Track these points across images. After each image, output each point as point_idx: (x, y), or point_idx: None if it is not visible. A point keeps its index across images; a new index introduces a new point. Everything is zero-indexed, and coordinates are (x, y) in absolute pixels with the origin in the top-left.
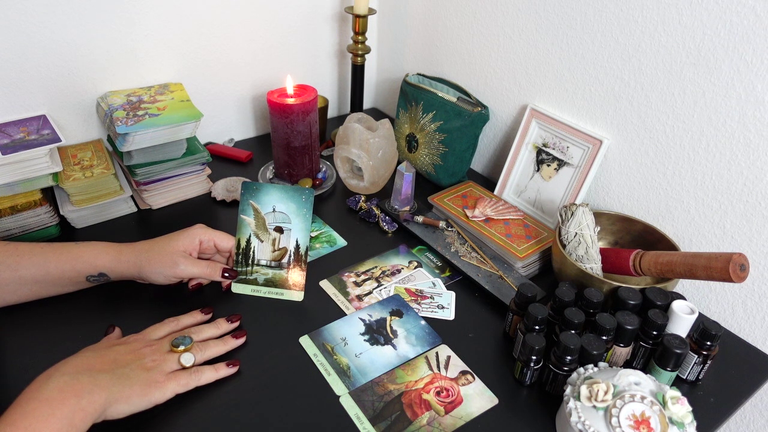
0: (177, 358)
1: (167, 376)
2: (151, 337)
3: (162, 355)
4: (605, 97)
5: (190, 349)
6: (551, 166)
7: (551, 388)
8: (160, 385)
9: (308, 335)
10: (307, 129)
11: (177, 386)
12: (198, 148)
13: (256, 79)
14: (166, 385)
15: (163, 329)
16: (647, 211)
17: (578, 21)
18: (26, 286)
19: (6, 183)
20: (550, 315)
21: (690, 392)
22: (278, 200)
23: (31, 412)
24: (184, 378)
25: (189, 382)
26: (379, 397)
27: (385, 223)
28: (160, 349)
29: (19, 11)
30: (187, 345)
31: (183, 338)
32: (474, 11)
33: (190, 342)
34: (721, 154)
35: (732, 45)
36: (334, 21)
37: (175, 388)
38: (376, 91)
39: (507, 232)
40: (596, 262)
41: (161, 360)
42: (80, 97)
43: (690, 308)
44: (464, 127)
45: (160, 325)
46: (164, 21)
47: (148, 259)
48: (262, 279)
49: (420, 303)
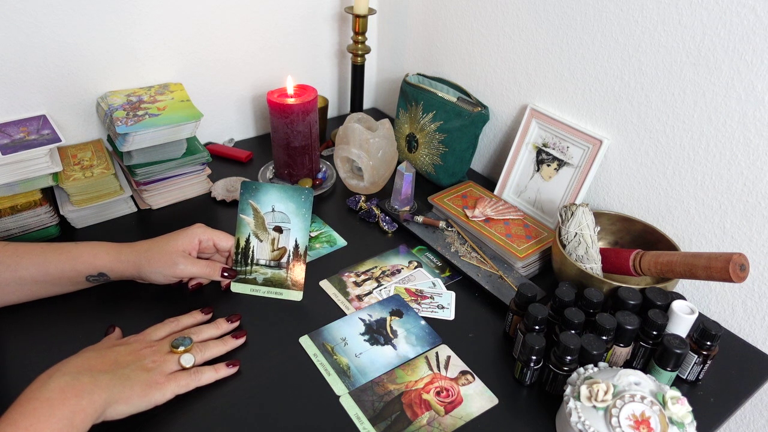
0: (177, 359)
1: (167, 377)
2: (151, 338)
3: (162, 356)
4: (605, 97)
5: (190, 349)
6: (551, 166)
7: (551, 388)
8: (160, 386)
9: (308, 335)
10: (307, 129)
11: (177, 387)
12: (198, 148)
13: (256, 79)
14: (166, 386)
15: (163, 330)
16: (647, 211)
17: (578, 21)
18: (26, 286)
19: (6, 183)
20: (550, 315)
21: (690, 392)
22: (277, 200)
23: (32, 411)
24: (184, 379)
25: (189, 382)
26: (379, 397)
27: (385, 223)
28: (160, 350)
29: (19, 11)
30: (187, 346)
31: (183, 339)
32: (474, 11)
33: (189, 343)
34: (721, 154)
35: (732, 45)
36: (334, 21)
37: (174, 389)
38: (376, 91)
39: (507, 232)
40: (596, 262)
41: (161, 361)
42: (80, 97)
43: (690, 308)
44: (464, 127)
45: (160, 325)
46: (164, 21)
47: (147, 259)
48: (261, 278)
49: (420, 303)
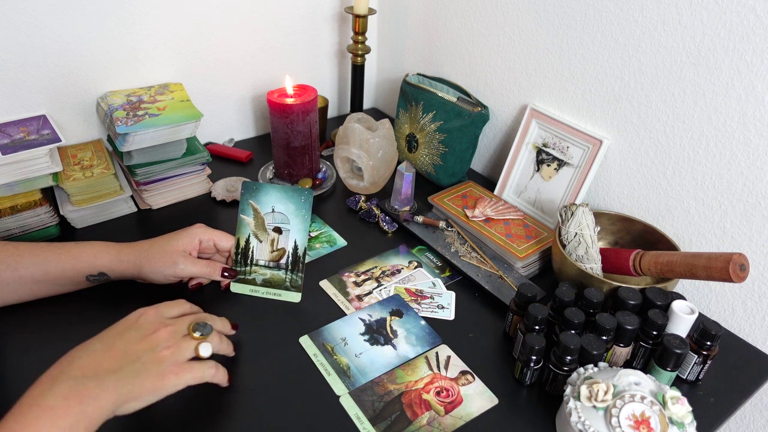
0: (194, 346)
1: (181, 366)
2: (165, 315)
3: (178, 341)
4: (605, 97)
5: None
6: (551, 166)
7: (551, 388)
8: (173, 376)
9: (308, 335)
10: (307, 129)
11: (192, 378)
12: (198, 148)
13: (256, 79)
14: (180, 376)
15: (178, 308)
16: (647, 211)
17: (578, 21)
18: (26, 285)
19: (6, 183)
20: (550, 315)
21: (690, 392)
22: (277, 200)
23: (33, 421)
24: (200, 370)
25: (204, 375)
26: (379, 397)
27: (385, 223)
28: (177, 332)
29: (19, 11)
30: (207, 333)
31: (204, 325)
32: (474, 11)
33: (210, 330)
34: (721, 154)
35: (732, 45)
36: (334, 21)
37: (189, 380)
38: (376, 91)
39: (507, 232)
40: (596, 262)
41: (176, 347)
42: (80, 97)
43: (690, 308)
44: (464, 127)
45: (173, 303)
46: (164, 21)
47: (147, 259)
48: (260, 279)
49: (420, 303)
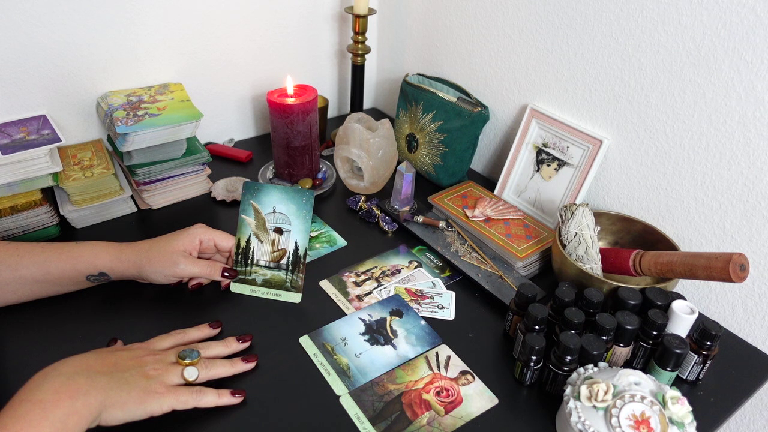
0: (180, 371)
1: (167, 388)
2: (155, 347)
3: (165, 366)
4: (605, 97)
5: (196, 363)
6: (551, 166)
7: (551, 388)
8: (158, 396)
9: (308, 335)
10: (307, 129)
11: (176, 402)
12: (198, 148)
13: (256, 79)
14: (164, 397)
15: (169, 340)
16: (647, 211)
17: (578, 21)
18: (26, 285)
19: (6, 183)
20: (550, 315)
21: (690, 392)
22: (278, 201)
23: (24, 415)
24: (184, 395)
25: (189, 400)
26: (379, 397)
27: (385, 223)
28: (163, 360)
29: (19, 11)
30: (194, 359)
31: (191, 351)
32: (474, 11)
33: (197, 356)
34: (721, 154)
35: (732, 45)
36: (334, 21)
37: (173, 403)
38: (376, 91)
39: (507, 232)
40: (596, 262)
41: (163, 370)
42: (80, 97)
43: (690, 308)
44: (464, 127)
45: (166, 336)
46: (164, 21)
47: (148, 259)
48: (260, 279)
49: (420, 303)
